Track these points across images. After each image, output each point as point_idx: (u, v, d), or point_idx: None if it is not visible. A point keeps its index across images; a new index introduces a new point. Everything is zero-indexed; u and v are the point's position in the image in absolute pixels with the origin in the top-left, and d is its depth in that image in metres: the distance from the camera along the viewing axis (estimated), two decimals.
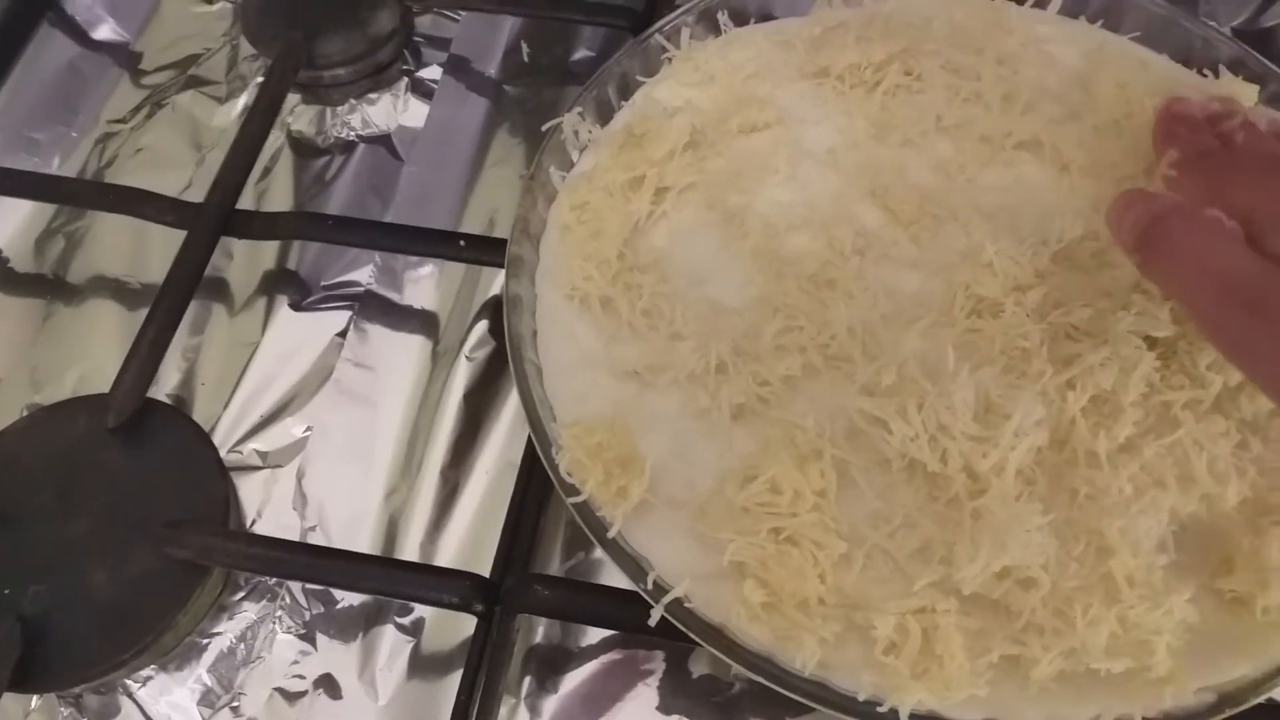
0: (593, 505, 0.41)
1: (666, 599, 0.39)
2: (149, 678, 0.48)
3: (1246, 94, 0.49)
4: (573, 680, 0.48)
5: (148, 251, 0.61)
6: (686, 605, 0.39)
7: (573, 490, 0.41)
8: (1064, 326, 0.43)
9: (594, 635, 0.49)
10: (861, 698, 0.37)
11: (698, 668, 0.48)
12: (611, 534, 0.40)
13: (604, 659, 0.48)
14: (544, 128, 0.50)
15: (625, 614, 0.43)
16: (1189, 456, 0.41)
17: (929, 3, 0.55)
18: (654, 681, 0.48)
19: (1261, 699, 0.38)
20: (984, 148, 0.50)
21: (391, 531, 0.52)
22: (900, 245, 0.48)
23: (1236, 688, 0.38)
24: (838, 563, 0.39)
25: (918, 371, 0.42)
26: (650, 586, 0.39)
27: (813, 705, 0.38)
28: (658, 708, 0.47)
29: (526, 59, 0.68)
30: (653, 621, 0.39)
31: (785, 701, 0.45)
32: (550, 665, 0.48)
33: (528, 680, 0.48)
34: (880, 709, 0.37)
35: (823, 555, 0.39)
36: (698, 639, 0.39)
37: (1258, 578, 0.39)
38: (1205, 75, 0.52)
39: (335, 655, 0.49)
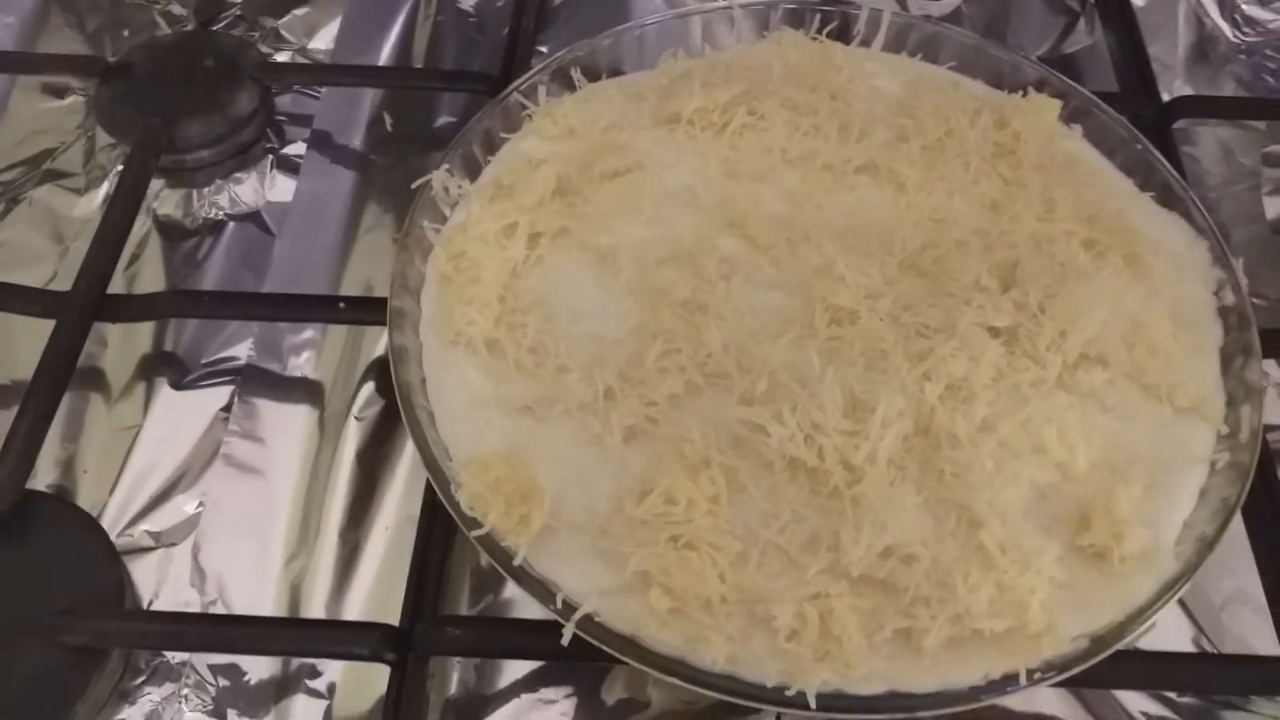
0: (496, 537, 0.42)
1: (578, 615, 0.40)
2: None
3: (1050, 109, 0.55)
4: None
5: (13, 349, 0.59)
6: (597, 620, 0.41)
7: (475, 524, 0.42)
8: (915, 325, 0.47)
9: (508, 678, 0.49)
10: (769, 684, 0.39)
11: (612, 694, 0.49)
12: (517, 561, 0.41)
13: (519, 700, 0.49)
14: (414, 185, 0.52)
15: (538, 642, 0.44)
16: (1040, 430, 0.45)
17: (764, 48, 0.60)
18: (569, 713, 0.48)
19: (1128, 640, 0.41)
20: (827, 175, 0.54)
21: (295, 598, 0.51)
22: (761, 268, 0.51)
23: (1107, 631, 0.41)
24: (735, 561, 0.41)
25: (788, 378, 0.45)
26: (560, 606, 0.41)
27: (728, 699, 0.40)
28: None
29: (390, 129, 0.69)
30: (565, 640, 0.41)
31: (708, 713, 0.47)
32: (467, 713, 0.48)
33: None
34: (789, 693, 0.39)
35: (720, 556, 0.41)
36: (612, 651, 0.40)
37: (1113, 531, 0.43)
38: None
39: None
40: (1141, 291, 0.49)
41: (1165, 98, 0.68)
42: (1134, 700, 0.48)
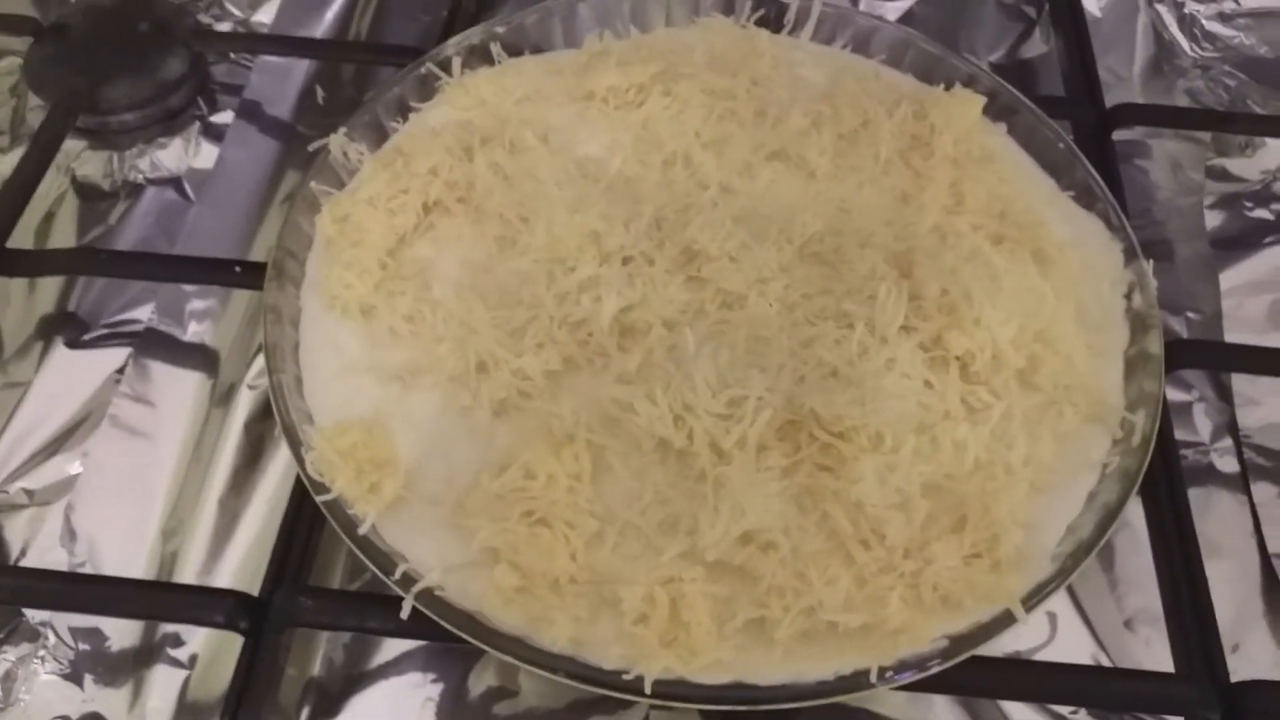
0: (344, 504, 0.41)
1: (415, 589, 0.39)
2: None
3: (972, 104, 0.54)
4: (354, 706, 0.47)
5: None
6: (439, 595, 0.39)
7: (322, 489, 0.41)
8: (804, 313, 0.46)
9: (375, 660, 0.48)
10: (607, 667, 0.37)
11: (481, 681, 0.47)
12: (362, 530, 0.40)
13: (385, 682, 0.47)
14: (311, 148, 0.51)
15: (388, 618, 0.43)
16: (923, 426, 0.43)
17: (691, 32, 0.59)
18: (435, 698, 0.47)
19: (991, 642, 0.39)
20: (739, 160, 0.53)
21: (168, 563, 0.50)
22: (660, 249, 0.49)
23: (969, 631, 0.39)
24: (591, 541, 0.40)
25: (664, 358, 0.43)
26: (399, 578, 0.39)
27: (566, 682, 0.38)
28: None
29: (321, 101, 0.68)
30: (404, 614, 0.39)
31: (577, 706, 0.45)
32: (329, 693, 0.47)
33: (306, 709, 0.46)
34: (626, 677, 0.37)
35: (574, 535, 0.40)
36: (451, 628, 0.39)
37: (989, 534, 0.41)
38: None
39: (103, 695, 0.46)
40: (1047, 290, 0.47)
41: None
42: (1021, 712, 0.46)
